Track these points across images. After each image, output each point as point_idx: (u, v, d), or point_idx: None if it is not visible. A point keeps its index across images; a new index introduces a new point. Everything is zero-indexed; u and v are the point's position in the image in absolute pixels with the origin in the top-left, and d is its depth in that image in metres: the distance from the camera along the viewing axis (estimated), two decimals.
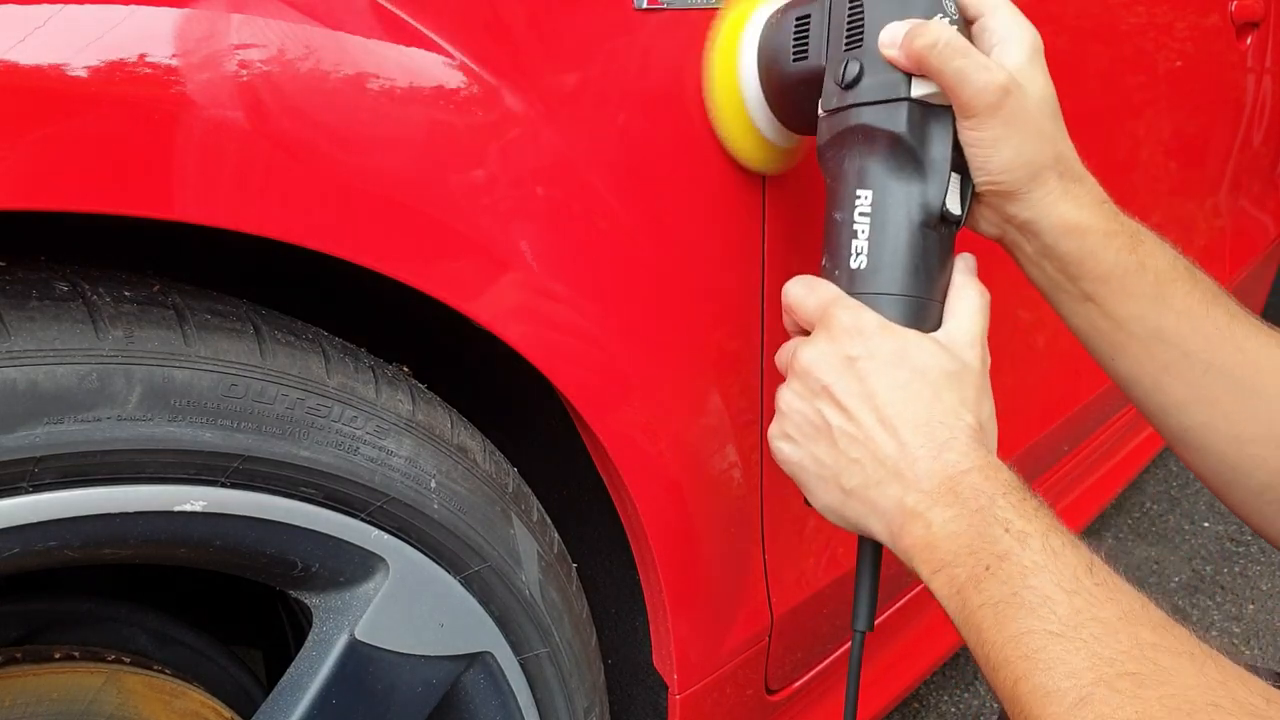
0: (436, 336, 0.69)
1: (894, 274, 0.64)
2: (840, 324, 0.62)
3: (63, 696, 0.58)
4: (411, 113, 0.54)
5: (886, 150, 0.63)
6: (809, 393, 0.63)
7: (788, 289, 0.66)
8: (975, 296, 0.65)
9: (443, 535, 0.61)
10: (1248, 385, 0.65)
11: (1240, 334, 0.65)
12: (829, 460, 0.63)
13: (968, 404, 0.61)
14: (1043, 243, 0.65)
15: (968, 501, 0.56)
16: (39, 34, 0.42)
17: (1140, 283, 0.65)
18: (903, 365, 0.61)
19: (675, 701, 0.80)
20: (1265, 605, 1.81)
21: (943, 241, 0.65)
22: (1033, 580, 0.52)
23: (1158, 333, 0.66)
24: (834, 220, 0.66)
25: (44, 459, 0.45)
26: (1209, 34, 1.58)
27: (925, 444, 0.59)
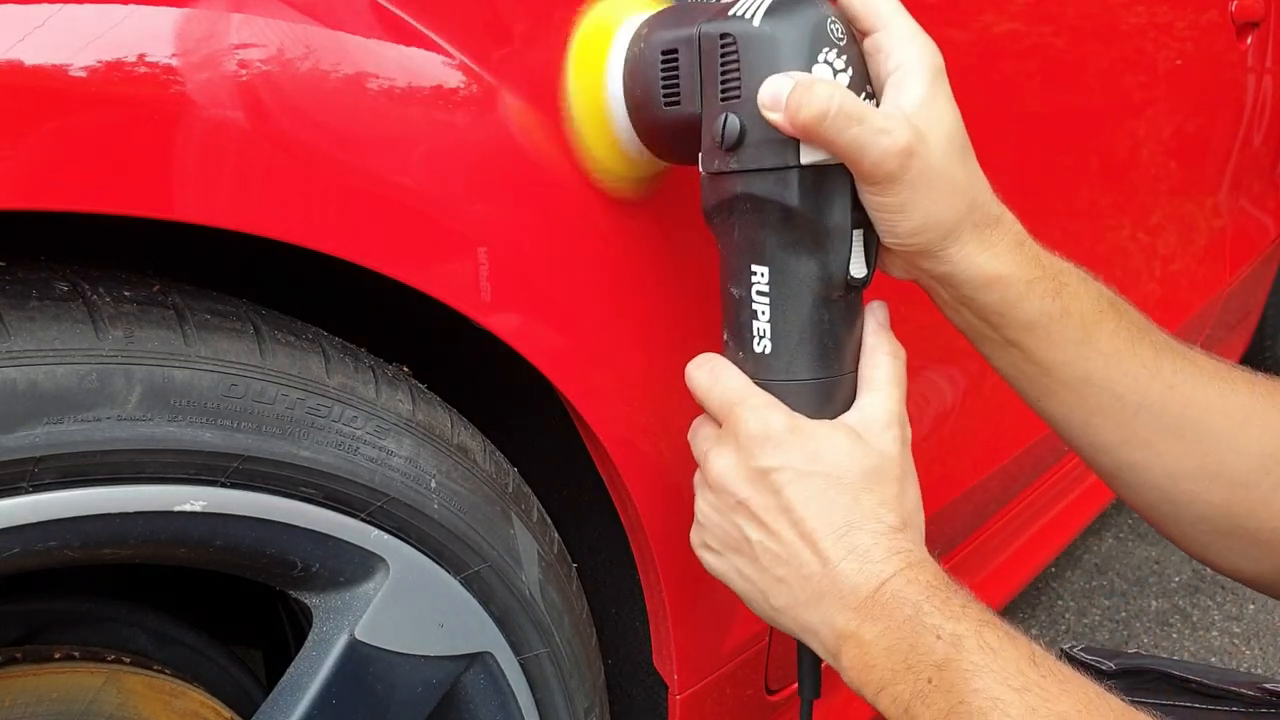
0: (436, 336, 0.69)
1: (801, 359, 0.60)
2: (747, 430, 0.59)
3: (63, 696, 0.58)
4: (411, 113, 0.54)
5: (779, 222, 0.57)
6: (725, 507, 0.61)
7: (691, 375, 0.63)
8: (888, 362, 0.62)
9: (443, 535, 0.61)
10: (1179, 422, 0.64)
11: (1168, 369, 0.64)
12: (754, 577, 0.61)
13: (887, 503, 0.58)
14: (961, 293, 0.62)
15: (894, 612, 0.54)
16: (39, 33, 0.42)
17: (1065, 329, 0.62)
18: (817, 472, 0.58)
19: (675, 701, 0.80)
20: (1265, 605, 1.81)
21: (849, 306, 0.61)
22: (976, 683, 0.50)
23: (1085, 377, 0.64)
24: (730, 295, 0.61)
25: (44, 459, 0.45)
26: (1209, 34, 1.58)
27: (846, 555, 0.56)
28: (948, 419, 1.09)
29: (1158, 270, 1.52)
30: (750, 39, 0.55)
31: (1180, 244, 1.60)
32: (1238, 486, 0.64)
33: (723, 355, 0.63)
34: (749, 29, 0.55)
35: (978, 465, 1.19)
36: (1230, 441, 0.64)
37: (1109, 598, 1.84)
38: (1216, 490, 0.64)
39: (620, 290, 0.67)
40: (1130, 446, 0.65)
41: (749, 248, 0.59)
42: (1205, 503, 0.65)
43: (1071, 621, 1.79)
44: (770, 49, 0.55)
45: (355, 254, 0.53)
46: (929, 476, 0.68)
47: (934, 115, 0.57)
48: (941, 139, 0.57)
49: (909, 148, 0.55)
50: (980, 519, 1.30)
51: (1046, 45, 1.12)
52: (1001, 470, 1.25)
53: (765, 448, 0.59)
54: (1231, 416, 0.64)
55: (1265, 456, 0.63)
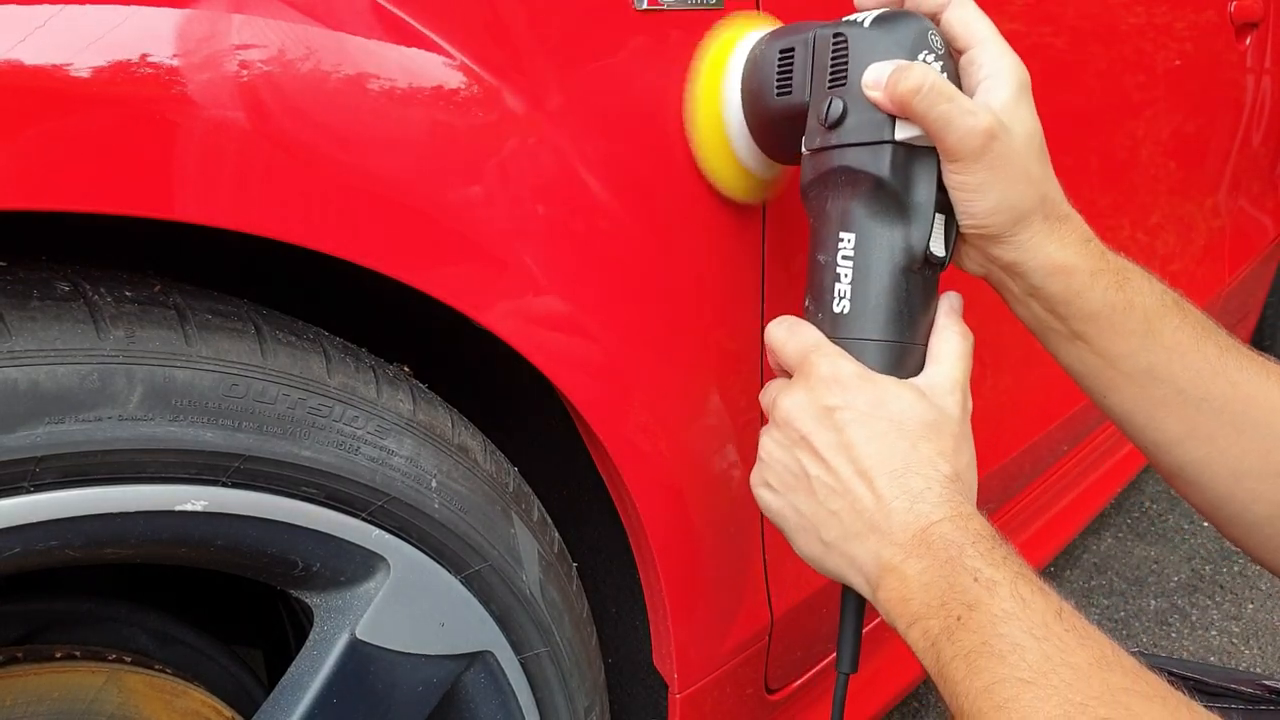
0: (436, 336, 0.69)
1: (876, 320, 0.63)
2: (819, 373, 0.62)
3: (63, 696, 0.59)
4: (412, 113, 0.54)
5: (869, 193, 0.62)
6: (788, 442, 0.64)
7: (770, 331, 0.67)
8: (958, 340, 0.65)
9: (443, 535, 0.61)
10: (1242, 420, 0.65)
11: (1232, 367, 0.65)
12: (808, 511, 0.63)
13: (944, 454, 0.60)
14: (1029, 283, 0.65)
15: (938, 552, 0.56)
16: (39, 34, 0.42)
17: (1129, 320, 0.65)
18: (880, 416, 0.61)
19: (675, 701, 0.80)
20: (1264, 605, 1.81)
21: (926, 284, 0.65)
22: (1002, 628, 0.52)
23: (1149, 370, 0.66)
24: (817, 261, 0.66)
25: (45, 459, 0.45)
26: (1208, 34, 1.58)
27: (900, 495, 0.59)
28: None
29: (1157, 270, 1.52)
30: (860, 36, 0.62)
31: (1179, 244, 1.60)
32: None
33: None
34: (860, 30, 0.62)
35: (978, 464, 1.18)
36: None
37: (1108, 597, 1.84)
38: (1279, 489, 0.65)
39: (622, 291, 0.67)
40: (1194, 442, 0.66)
41: (839, 216, 0.64)
42: (1268, 501, 0.66)
43: None
44: (877, 44, 0.61)
45: (355, 254, 0.53)
46: None
47: (1017, 115, 0.62)
48: (1022, 135, 0.62)
49: (991, 130, 0.59)
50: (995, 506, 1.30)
51: (1046, 45, 1.12)
52: (1001, 470, 1.25)
53: (832, 389, 0.62)
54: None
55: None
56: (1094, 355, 0.67)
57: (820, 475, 0.62)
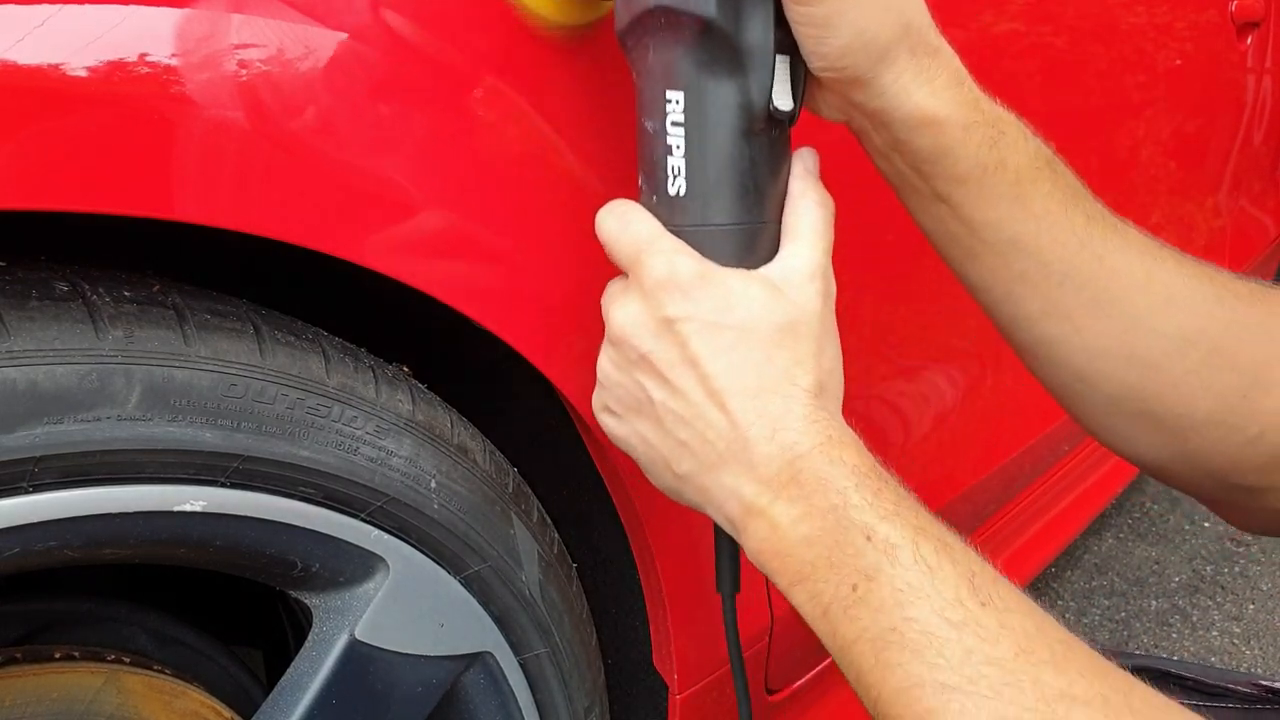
0: (437, 336, 0.69)
1: (717, 200, 0.55)
2: (654, 276, 0.54)
3: (63, 696, 0.58)
4: (411, 113, 0.54)
5: (695, 39, 0.53)
6: (626, 362, 0.56)
7: (599, 221, 0.57)
8: (815, 210, 0.57)
9: (443, 535, 0.61)
10: (1103, 297, 0.61)
11: (1098, 240, 0.61)
12: (656, 441, 0.56)
13: (803, 362, 0.53)
14: (894, 135, 0.57)
15: (814, 498, 0.50)
16: (38, 33, 0.42)
17: (999, 183, 0.58)
18: (728, 324, 0.53)
19: (675, 701, 0.80)
20: (1265, 605, 1.81)
21: (774, 146, 0.56)
22: (910, 611, 0.47)
23: (1013, 240, 0.60)
24: (644, 130, 0.56)
25: (44, 459, 0.45)
26: (1209, 34, 1.58)
27: (757, 420, 0.52)
28: (948, 418, 1.09)
29: None
30: None
31: (1180, 244, 1.59)
32: (1151, 369, 0.62)
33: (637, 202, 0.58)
34: None
35: (978, 465, 1.19)
36: (1150, 321, 0.62)
37: (1108, 598, 1.84)
38: (1131, 371, 0.62)
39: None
40: (1051, 320, 0.62)
41: (664, 72, 0.55)
42: (1118, 383, 0.63)
43: (1071, 622, 1.79)
44: None
45: (355, 254, 0.53)
46: (929, 476, 0.68)
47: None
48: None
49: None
50: (979, 519, 1.30)
51: (1046, 45, 1.12)
52: (1001, 470, 1.25)
53: (672, 295, 0.54)
54: (1154, 295, 0.62)
55: (1182, 340, 0.62)
56: (957, 221, 0.60)
57: (664, 400, 0.54)
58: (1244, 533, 1.99)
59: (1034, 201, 0.60)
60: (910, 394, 1.03)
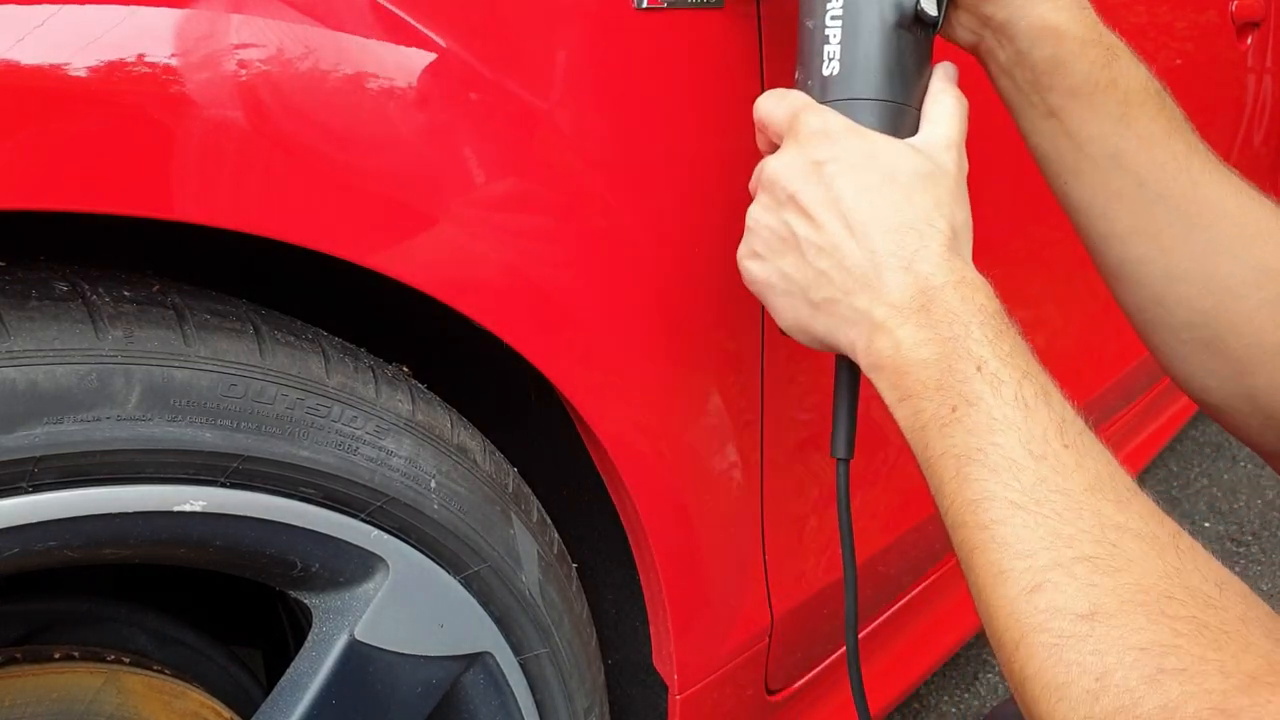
0: (436, 336, 0.69)
1: (867, 78, 0.61)
2: (808, 129, 0.59)
3: (62, 696, 0.58)
4: (411, 112, 0.54)
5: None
6: (775, 204, 0.60)
7: (759, 104, 0.63)
8: (952, 102, 0.62)
9: (442, 535, 0.61)
10: (1192, 220, 0.64)
11: (1196, 167, 0.65)
12: (796, 274, 0.59)
13: (941, 207, 0.57)
14: (1016, 48, 0.63)
15: (940, 326, 0.54)
16: (38, 33, 0.42)
17: (1108, 101, 0.63)
18: (872, 168, 0.58)
19: (675, 702, 0.80)
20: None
21: (918, 45, 0.62)
22: (999, 438, 0.50)
23: (1116, 157, 0.64)
24: (805, 28, 0.63)
25: (44, 459, 0.45)
26: (1209, 33, 1.58)
27: (896, 251, 0.56)
28: None
29: None
30: None
31: None
32: (1227, 295, 0.64)
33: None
34: None
35: None
36: (1233, 248, 0.64)
37: None
38: (1208, 297, 0.65)
39: (621, 289, 0.67)
40: (1139, 238, 0.65)
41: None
42: (1193, 308, 0.65)
43: None
44: None
45: (355, 254, 0.53)
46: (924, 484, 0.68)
47: None
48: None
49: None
50: None
51: None
52: None
53: (822, 142, 0.59)
54: (1243, 226, 0.64)
55: (1262, 271, 0.64)
56: (1065, 136, 0.65)
57: (808, 235, 0.58)
58: (1244, 533, 1.99)
59: (1139, 122, 0.64)
60: None
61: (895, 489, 0.99)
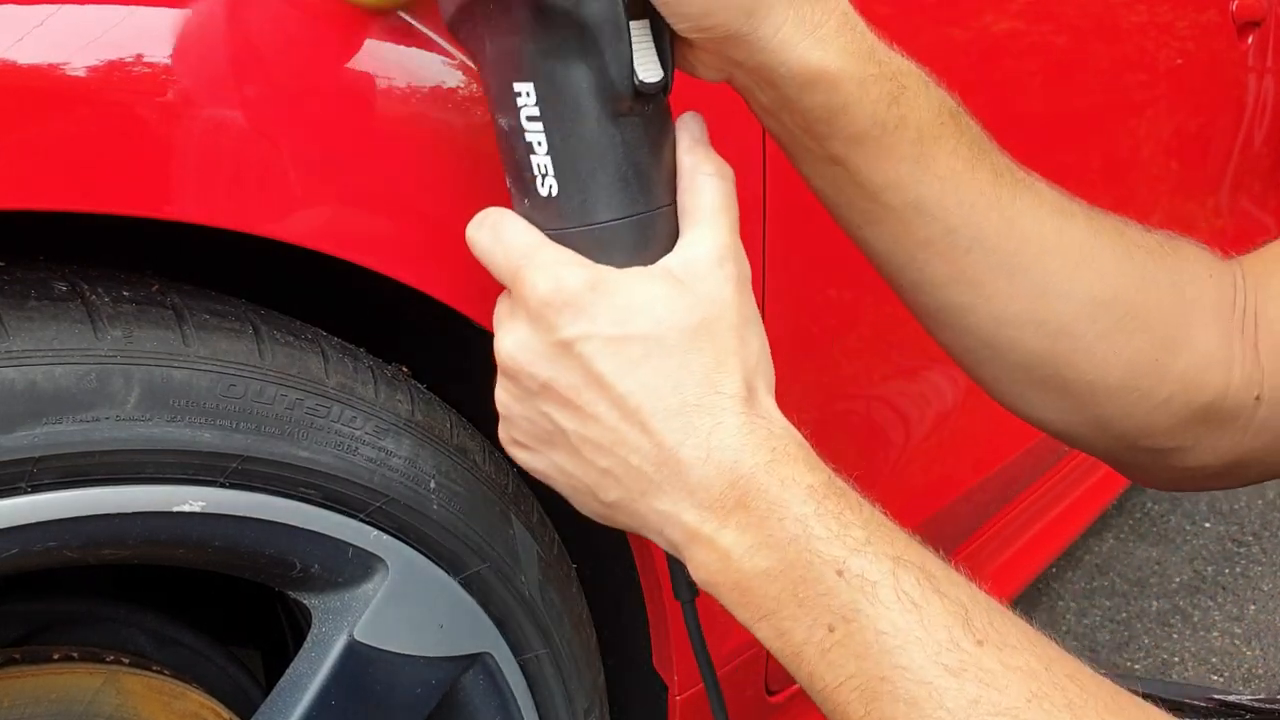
0: (436, 336, 0.69)
1: (597, 196, 0.48)
2: (538, 294, 0.47)
3: (62, 697, 0.58)
4: (411, 113, 0.54)
5: (532, 22, 0.45)
6: (525, 393, 0.50)
7: (470, 235, 0.51)
8: (711, 185, 0.50)
9: (442, 536, 0.61)
10: (1013, 262, 0.57)
11: (1006, 199, 0.56)
12: (576, 471, 0.50)
13: (724, 364, 0.47)
14: (781, 94, 0.51)
15: (768, 525, 0.45)
16: (37, 33, 0.42)
17: (900, 142, 0.52)
18: (632, 335, 0.47)
19: (675, 702, 0.80)
20: (1266, 606, 1.81)
21: (650, 122, 0.49)
22: (901, 658, 0.42)
23: (917, 204, 0.54)
24: (500, 128, 0.49)
25: (43, 459, 0.45)
26: (1210, 33, 1.58)
27: (686, 439, 0.46)
28: (948, 419, 1.09)
29: None
30: None
31: None
32: (1062, 335, 0.59)
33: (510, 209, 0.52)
34: None
35: (978, 465, 1.18)
36: (1061, 286, 0.58)
37: (1109, 598, 1.84)
38: (1040, 338, 0.59)
39: None
40: (958, 286, 0.57)
41: (506, 62, 0.47)
42: (1026, 350, 0.59)
43: (1072, 622, 1.78)
44: None
45: (355, 254, 0.53)
46: (929, 477, 0.68)
47: None
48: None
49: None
50: (980, 520, 1.30)
51: (1046, 45, 1.12)
52: (1002, 470, 1.25)
53: (562, 314, 0.47)
54: (1067, 257, 0.58)
55: (1093, 303, 0.58)
56: (854, 185, 0.54)
57: (578, 430, 0.48)
58: (1244, 533, 1.99)
59: (938, 161, 0.54)
60: (910, 394, 1.03)
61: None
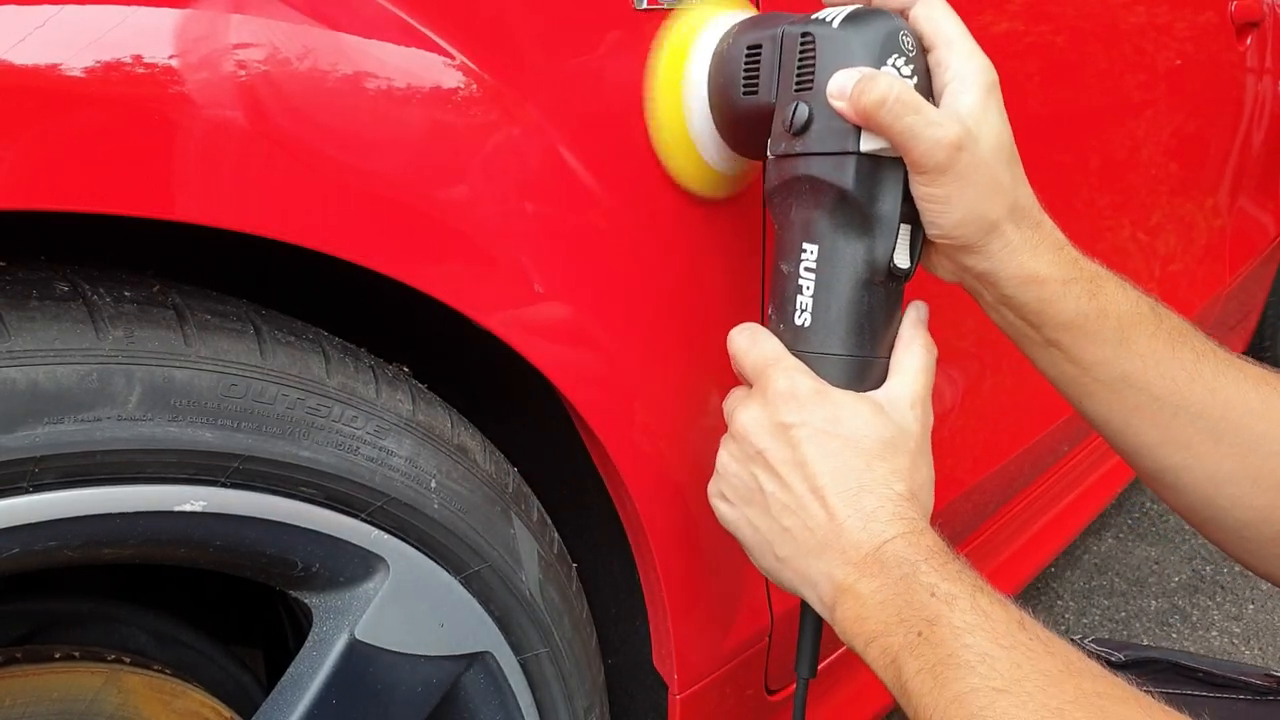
0: (436, 336, 0.69)
1: (837, 334, 0.63)
2: (776, 388, 0.62)
3: (63, 696, 0.58)
4: (411, 113, 0.54)
5: (833, 204, 0.61)
6: (744, 456, 0.63)
7: (732, 339, 0.66)
8: (921, 353, 0.65)
9: (443, 535, 0.61)
10: (1220, 426, 0.64)
11: (1209, 373, 0.64)
12: (763, 526, 0.63)
13: (900, 472, 0.60)
14: (1001, 292, 0.64)
15: (891, 570, 0.56)
16: (39, 34, 0.42)
17: (1102, 329, 0.64)
18: (836, 433, 0.60)
19: (675, 701, 0.80)
20: (1265, 605, 1.81)
21: (890, 296, 0.64)
22: (967, 639, 0.52)
23: (1123, 377, 0.65)
24: (780, 270, 0.65)
25: (44, 459, 0.45)
26: (1209, 33, 1.58)
27: (853, 514, 0.59)
28: (948, 418, 1.09)
29: (1157, 270, 1.53)
30: (828, 38, 0.60)
31: (1180, 244, 1.60)
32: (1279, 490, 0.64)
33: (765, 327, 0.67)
34: (829, 30, 0.60)
35: (978, 464, 1.19)
36: (1272, 445, 0.63)
37: (1108, 597, 1.84)
38: (1259, 494, 0.64)
39: (621, 290, 0.67)
40: (1170, 448, 0.66)
41: (803, 226, 0.63)
42: (1247, 507, 0.65)
43: (1071, 621, 1.79)
44: (845, 48, 0.59)
45: (355, 254, 0.53)
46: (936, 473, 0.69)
47: (985, 121, 0.61)
48: (990, 142, 0.61)
49: (958, 141, 0.58)
50: (981, 518, 1.30)
51: (1046, 45, 1.12)
52: (1002, 469, 1.25)
53: (790, 405, 0.61)
54: (1274, 421, 0.64)
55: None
56: (1069, 362, 0.66)
57: (774, 491, 0.62)
58: None
59: (1138, 342, 0.64)
60: None
61: None
